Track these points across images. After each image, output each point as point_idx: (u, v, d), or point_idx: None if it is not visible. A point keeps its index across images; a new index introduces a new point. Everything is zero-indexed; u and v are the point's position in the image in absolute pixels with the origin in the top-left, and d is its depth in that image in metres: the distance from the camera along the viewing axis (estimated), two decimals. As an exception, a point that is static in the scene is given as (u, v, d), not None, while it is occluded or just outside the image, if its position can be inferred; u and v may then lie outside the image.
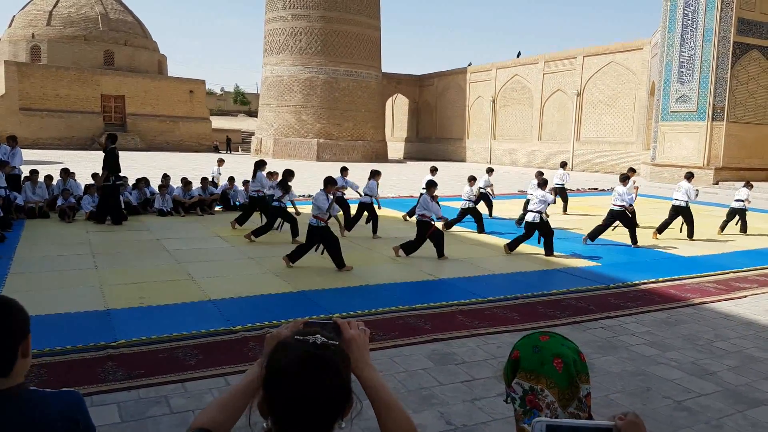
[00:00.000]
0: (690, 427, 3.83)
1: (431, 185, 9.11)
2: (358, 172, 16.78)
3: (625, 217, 10.40)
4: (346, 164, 13.07)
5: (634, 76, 30.88)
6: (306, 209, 10.70)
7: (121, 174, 12.08)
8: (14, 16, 49.81)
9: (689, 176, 11.66)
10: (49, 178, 13.30)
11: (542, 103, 36.58)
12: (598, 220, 11.12)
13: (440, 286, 7.37)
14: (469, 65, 43.58)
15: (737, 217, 12.39)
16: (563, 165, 15.92)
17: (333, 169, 13.32)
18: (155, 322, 5.51)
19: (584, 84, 33.62)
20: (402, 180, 24.34)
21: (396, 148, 48.62)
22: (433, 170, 12.64)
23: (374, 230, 10.77)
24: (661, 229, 11.37)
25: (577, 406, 1.14)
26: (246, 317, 5.71)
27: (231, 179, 14.55)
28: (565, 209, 15.06)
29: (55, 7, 48.38)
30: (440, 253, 8.90)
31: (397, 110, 51.08)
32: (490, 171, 14.02)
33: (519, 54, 42.09)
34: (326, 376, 1.05)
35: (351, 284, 7.32)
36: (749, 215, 12.71)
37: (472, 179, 12.01)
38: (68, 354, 4.62)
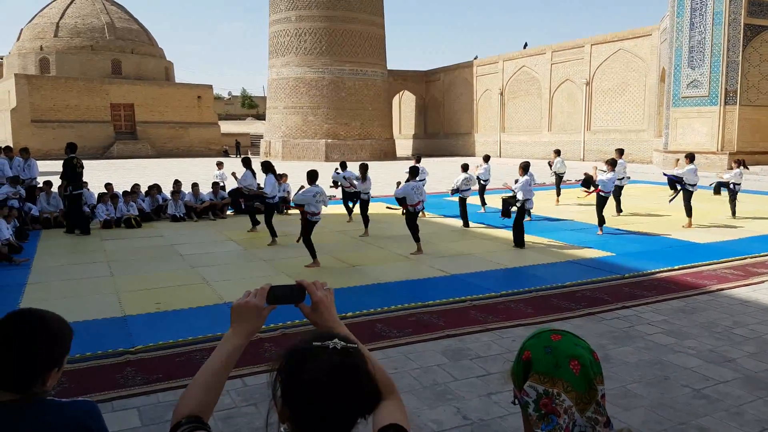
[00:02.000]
0: (709, 415, 3.79)
1: (413, 172, 9.59)
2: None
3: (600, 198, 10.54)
4: (355, 163, 13.16)
5: (644, 62, 30.55)
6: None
7: (84, 182, 11.95)
8: (22, 29, 50.43)
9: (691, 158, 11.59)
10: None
11: (551, 94, 36.31)
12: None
13: (453, 282, 7.35)
14: (475, 58, 43.35)
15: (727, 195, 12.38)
16: (558, 153, 16.04)
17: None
18: (172, 327, 5.56)
19: (593, 73, 33.33)
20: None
21: (404, 145, 48.54)
22: (418, 159, 13.55)
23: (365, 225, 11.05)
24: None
25: (595, 410, 1.08)
26: (261, 319, 5.74)
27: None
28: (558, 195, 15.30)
29: (61, 18, 48.89)
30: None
31: (404, 107, 50.98)
32: (487, 158, 14.35)
33: (526, 45, 41.76)
34: (358, 383, 1.02)
35: (363, 283, 7.33)
36: (744, 196, 12.69)
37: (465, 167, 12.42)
38: (87, 361, 4.68)
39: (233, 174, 11.57)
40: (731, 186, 12.16)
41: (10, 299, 6.48)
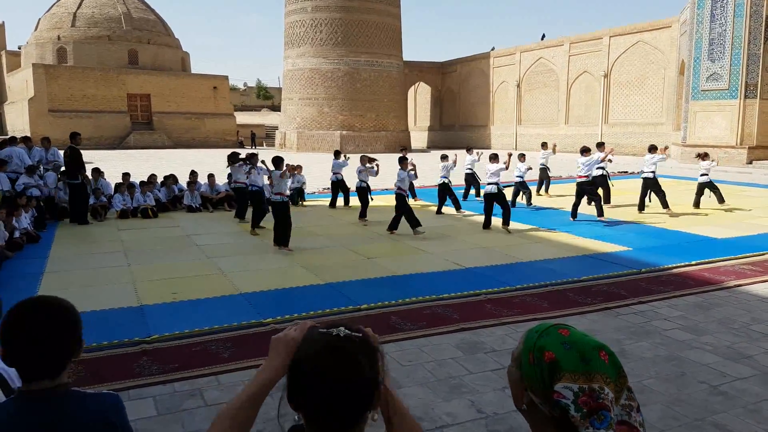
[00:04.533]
0: (726, 411, 3.76)
1: (403, 160, 10.42)
2: (381, 162, 16.76)
3: (583, 187, 10.82)
4: (370, 155, 13.15)
5: (663, 55, 30.07)
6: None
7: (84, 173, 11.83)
8: (39, 19, 50.90)
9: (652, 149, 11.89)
10: (87, 179, 13.55)
11: (568, 86, 35.91)
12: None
13: (467, 275, 7.33)
14: (492, 50, 42.99)
15: (708, 191, 12.35)
16: (544, 145, 16.00)
17: (355, 160, 13.32)
18: (188, 317, 5.62)
19: (611, 65, 32.89)
20: (425, 170, 24.22)
21: (419, 137, 48.37)
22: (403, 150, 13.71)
23: (362, 214, 11.34)
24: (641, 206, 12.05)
25: (628, 396, 1.06)
26: (276, 310, 5.79)
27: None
28: (546, 190, 15.32)
29: (78, 8, 49.22)
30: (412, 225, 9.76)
31: (420, 99, 50.74)
32: (469, 150, 14.62)
33: (543, 36, 41.29)
34: (348, 367, 1.04)
35: (378, 275, 7.34)
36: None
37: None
38: (104, 350, 4.75)
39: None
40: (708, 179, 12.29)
41: (27, 289, 6.58)
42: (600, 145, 12.73)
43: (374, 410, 1.10)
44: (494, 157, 10.51)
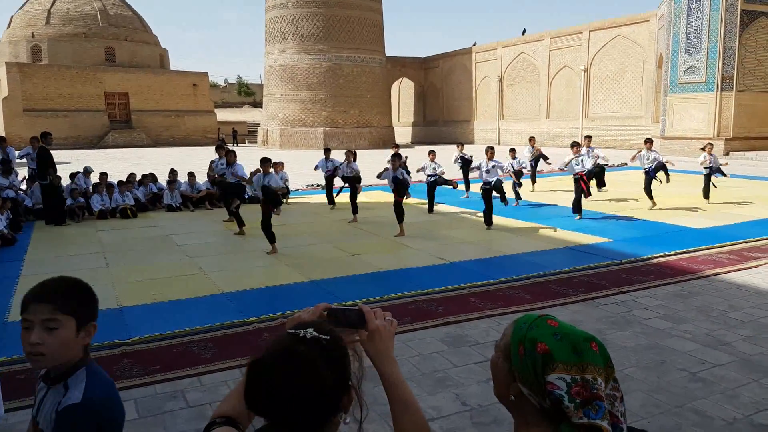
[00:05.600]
0: (706, 398, 3.81)
1: (395, 158, 10.14)
2: (364, 158, 16.77)
3: (577, 182, 10.59)
4: (355, 151, 13.08)
5: (641, 49, 30.43)
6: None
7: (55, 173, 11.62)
8: (12, 16, 49.86)
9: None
10: (57, 178, 13.35)
11: (549, 81, 36.18)
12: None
13: (452, 270, 7.36)
14: (474, 45, 43.12)
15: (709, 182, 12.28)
16: (531, 140, 16.19)
17: (340, 157, 13.31)
18: (169, 318, 5.55)
19: (591, 59, 33.19)
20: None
21: (403, 133, 48.39)
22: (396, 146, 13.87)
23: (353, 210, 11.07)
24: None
25: (613, 387, 1.08)
26: (259, 308, 5.74)
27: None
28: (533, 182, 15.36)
29: (53, 5, 48.31)
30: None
31: (403, 94, 50.74)
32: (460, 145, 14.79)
33: (524, 31, 41.57)
34: (302, 372, 1.00)
35: (363, 271, 7.33)
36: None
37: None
38: (85, 351, 4.66)
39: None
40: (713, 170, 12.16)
41: (3, 292, 6.46)
42: (588, 138, 12.85)
43: (344, 413, 1.07)
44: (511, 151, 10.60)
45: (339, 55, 38.22)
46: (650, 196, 11.64)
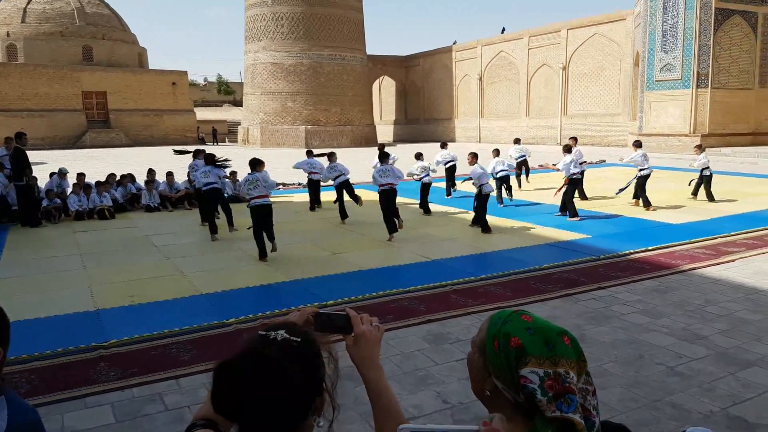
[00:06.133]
0: (683, 391, 3.87)
1: (385, 156, 9.89)
2: (347, 157, 16.70)
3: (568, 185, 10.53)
4: (336, 150, 13.05)
5: (619, 47, 30.79)
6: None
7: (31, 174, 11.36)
8: (-13, 15, 48.79)
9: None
10: (33, 179, 13.09)
11: (529, 79, 36.44)
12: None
13: (434, 267, 7.37)
14: (454, 44, 43.25)
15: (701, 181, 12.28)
16: (517, 141, 16.31)
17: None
18: (147, 320, 5.47)
19: (569, 57, 33.49)
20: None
21: (385, 131, 48.39)
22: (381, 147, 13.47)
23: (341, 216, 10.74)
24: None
25: (585, 381, 1.08)
26: (239, 309, 5.69)
27: (233, 173, 14.21)
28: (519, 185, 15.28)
29: (29, 3, 47.36)
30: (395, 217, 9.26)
31: (385, 93, 50.73)
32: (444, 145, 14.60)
33: (503, 30, 41.81)
34: (269, 375, 0.99)
35: (345, 270, 7.30)
36: (714, 177, 12.49)
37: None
38: (59, 357, 4.58)
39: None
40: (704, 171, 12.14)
41: (-21, 294, 6.31)
42: (573, 139, 12.78)
43: (317, 416, 1.06)
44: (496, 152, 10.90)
45: (320, 54, 38.06)
46: (647, 200, 11.30)
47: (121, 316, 5.67)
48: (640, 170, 11.46)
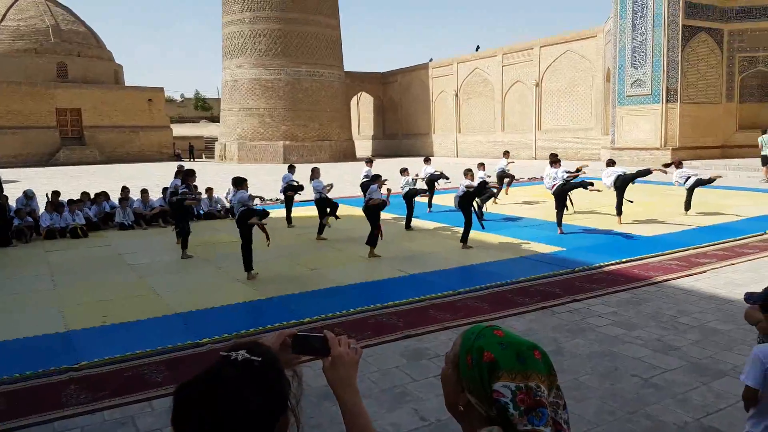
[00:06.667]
0: (657, 403, 3.91)
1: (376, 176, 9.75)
2: (329, 171, 16.66)
3: (558, 198, 10.43)
4: (317, 165, 13.00)
5: (590, 63, 31.46)
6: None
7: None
8: (-42, 32, 47.93)
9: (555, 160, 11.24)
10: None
11: (503, 95, 36.97)
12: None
13: (412, 282, 7.36)
14: (430, 61, 43.77)
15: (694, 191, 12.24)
16: (505, 154, 16.48)
17: (300, 170, 13.21)
18: (119, 341, 5.35)
19: (542, 74, 34.10)
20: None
21: (364, 146, 48.55)
22: (369, 162, 13.80)
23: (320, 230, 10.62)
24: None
25: (556, 394, 1.09)
26: (213, 329, 5.59)
27: (209, 189, 14.13)
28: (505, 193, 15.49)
29: (2, 20, 46.74)
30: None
31: (363, 108, 51.00)
32: (427, 160, 14.64)
33: (478, 48, 42.55)
34: (221, 396, 0.97)
35: (322, 286, 7.26)
36: (697, 191, 12.47)
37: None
38: (28, 380, 4.46)
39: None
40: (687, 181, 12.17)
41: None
42: (554, 158, 12.30)
43: None
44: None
45: (297, 70, 38.16)
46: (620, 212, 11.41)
47: (93, 337, 5.54)
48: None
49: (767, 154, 19.17)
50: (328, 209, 10.88)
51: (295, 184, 12.18)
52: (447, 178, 13.66)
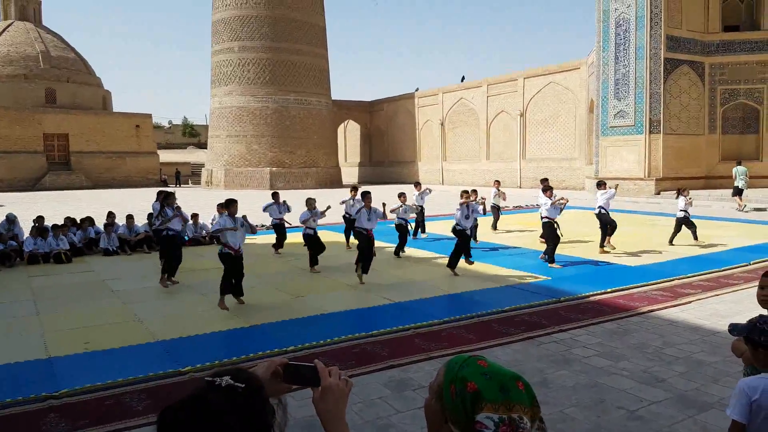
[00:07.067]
0: (643, 435, 3.89)
1: (366, 195, 9.57)
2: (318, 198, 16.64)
3: (549, 228, 10.31)
4: (308, 192, 12.98)
5: (573, 94, 32.08)
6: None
7: None
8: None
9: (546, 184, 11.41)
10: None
11: (488, 125, 37.49)
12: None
13: (398, 310, 7.34)
14: (416, 90, 44.39)
15: (683, 227, 12.28)
16: (496, 183, 16.39)
17: (287, 196, 13.18)
18: (101, 368, 5.25)
19: (526, 104, 34.68)
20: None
21: (350, 173, 48.77)
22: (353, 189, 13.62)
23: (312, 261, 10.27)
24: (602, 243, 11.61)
25: (539, 426, 1.09)
26: (195, 357, 5.51)
27: (195, 215, 14.04)
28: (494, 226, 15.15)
29: (-8, 46, 46.83)
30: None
31: (350, 136, 51.39)
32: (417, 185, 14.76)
33: (463, 78, 43.17)
34: (202, 422, 0.97)
35: (306, 314, 7.20)
36: (669, 220, 12.52)
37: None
38: (6, 408, 4.35)
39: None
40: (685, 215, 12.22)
41: None
42: (545, 182, 12.24)
43: None
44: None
45: (285, 98, 38.48)
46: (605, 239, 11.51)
47: (75, 364, 5.44)
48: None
49: (739, 185, 19.61)
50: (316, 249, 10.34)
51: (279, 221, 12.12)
52: (430, 191, 14.02)
